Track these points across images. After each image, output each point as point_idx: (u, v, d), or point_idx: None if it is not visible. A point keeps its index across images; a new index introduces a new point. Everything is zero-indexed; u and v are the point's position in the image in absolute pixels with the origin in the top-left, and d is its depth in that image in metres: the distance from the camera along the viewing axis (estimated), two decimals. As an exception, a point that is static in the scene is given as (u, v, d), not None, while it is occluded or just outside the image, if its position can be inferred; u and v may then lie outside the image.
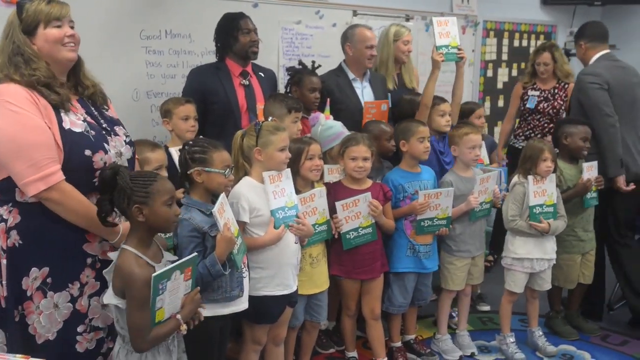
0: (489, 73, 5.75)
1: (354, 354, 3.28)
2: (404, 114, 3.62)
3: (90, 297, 2.14)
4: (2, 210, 2.05)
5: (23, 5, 2.06)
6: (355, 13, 4.49)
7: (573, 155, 3.52)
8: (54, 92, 2.02)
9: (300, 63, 3.55)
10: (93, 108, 2.20)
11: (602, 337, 3.66)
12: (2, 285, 2.05)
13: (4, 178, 2.02)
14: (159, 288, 1.90)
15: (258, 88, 3.39)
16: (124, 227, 2.11)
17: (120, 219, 2.14)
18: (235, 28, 3.30)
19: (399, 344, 3.35)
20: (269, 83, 3.52)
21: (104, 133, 2.15)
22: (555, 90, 4.35)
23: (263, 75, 3.48)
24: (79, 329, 2.12)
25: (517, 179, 3.35)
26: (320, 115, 3.34)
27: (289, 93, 3.47)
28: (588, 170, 3.45)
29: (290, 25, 4.14)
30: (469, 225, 3.31)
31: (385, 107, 3.63)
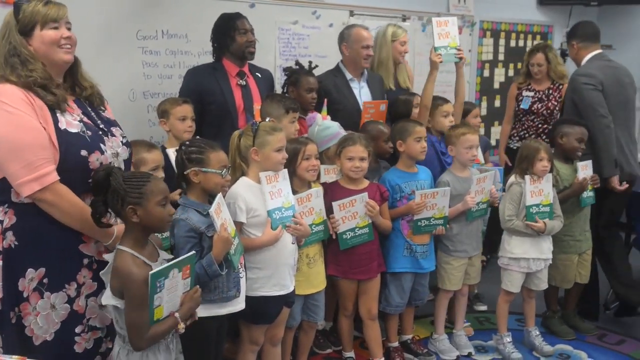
0: (486, 73, 5.76)
1: (351, 354, 3.28)
2: (400, 114, 3.63)
3: (88, 297, 2.13)
4: (-3, 211, 2.04)
5: (20, 6, 2.05)
6: (352, 13, 4.49)
7: (567, 156, 3.52)
8: (50, 92, 2.02)
9: (297, 63, 3.55)
10: (90, 109, 2.20)
11: (598, 336, 3.67)
12: (-2, 287, 2.05)
13: (0, 179, 2.02)
14: (157, 286, 1.90)
15: (255, 88, 3.39)
16: (118, 229, 2.11)
17: (116, 220, 2.14)
18: (232, 28, 3.30)
19: (396, 344, 3.35)
20: (266, 83, 3.52)
21: (101, 134, 2.15)
22: (550, 91, 4.36)
23: (260, 76, 3.48)
24: (77, 330, 2.12)
25: (513, 179, 3.35)
26: (317, 116, 3.35)
27: (286, 93, 3.47)
28: (583, 170, 3.46)
29: (287, 26, 4.14)
30: (466, 225, 3.31)
31: (384, 107, 3.63)
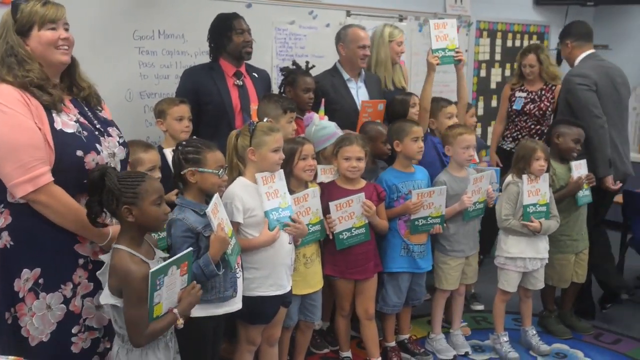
0: (482, 73, 5.77)
1: (348, 354, 3.28)
2: (397, 114, 3.63)
3: (84, 297, 2.13)
4: (-7, 211, 2.04)
5: (18, 6, 2.04)
6: (349, 13, 4.49)
7: (563, 156, 3.53)
8: (47, 93, 2.02)
9: (294, 63, 3.55)
10: (87, 109, 2.20)
11: (595, 335, 3.68)
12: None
13: None
14: (157, 283, 1.91)
15: (252, 88, 3.39)
16: (114, 230, 2.11)
17: (112, 220, 2.14)
18: (229, 28, 3.30)
19: (393, 344, 3.35)
20: (263, 83, 3.52)
21: (97, 134, 2.15)
22: (542, 92, 4.35)
23: (257, 76, 3.48)
24: (74, 330, 2.11)
25: (510, 179, 3.36)
26: (315, 115, 3.35)
27: (283, 93, 3.46)
28: (577, 169, 3.47)
29: (284, 26, 4.13)
30: (463, 225, 3.31)
31: (382, 107, 3.63)
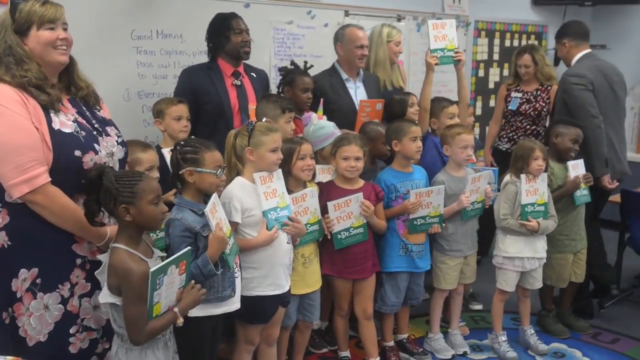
0: (481, 73, 5.77)
1: (347, 354, 3.28)
2: (395, 114, 3.63)
3: (81, 297, 2.13)
4: (-9, 211, 2.04)
5: (17, 5, 2.04)
6: (347, 13, 4.49)
7: (561, 156, 3.53)
8: (44, 92, 2.01)
9: (293, 63, 3.55)
10: (85, 108, 2.19)
11: (593, 335, 3.69)
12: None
13: None
14: (157, 283, 1.91)
15: (250, 88, 3.39)
16: (111, 230, 2.11)
17: (110, 220, 2.14)
18: (227, 28, 3.30)
19: (392, 344, 3.35)
20: (261, 83, 3.52)
21: (95, 133, 2.14)
22: (538, 92, 4.35)
23: (255, 76, 3.48)
24: (72, 330, 2.11)
25: (509, 178, 3.36)
26: (313, 115, 3.34)
27: (281, 93, 3.46)
28: (574, 169, 3.48)
29: (282, 26, 4.13)
30: (461, 225, 3.31)
31: (380, 106, 3.64)
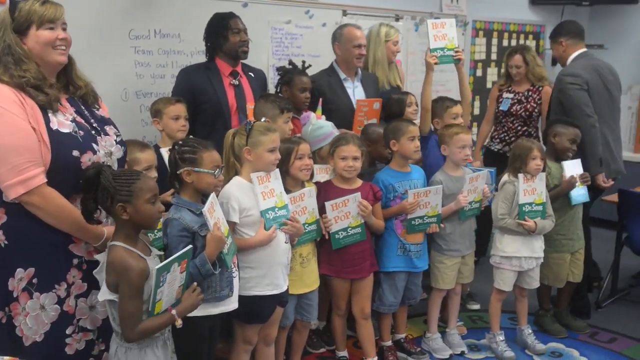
0: (479, 72, 5.78)
1: (345, 354, 3.28)
2: (393, 114, 3.64)
3: (77, 297, 2.12)
4: (-12, 211, 2.03)
5: (16, 4, 2.03)
6: (345, 13, 4.49)
7: (558, 156, 3.54)
8: (43, 92, 2.01)
9: (291, 63, 3.55)
10: (84, 107, 2.19)
11: (590, 334, 3.69)
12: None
13: None
14: (160, 280, 1.92)
15: (248, 88, 3.38)
16: (108, 230, 2.11)
17: (107, 220, 2.14)
18: (225, 28, 3.29)
19: (390, 343, 3.35)
20: (259, 83, 3.51)
21: (94, 133, 2.14)
22: (529, 93, 4.34)
23: (253, 75, 3.48)
24: (68, 331, 2.11)
25: (507, 178, 3.37)
26: (312, 115, 3.34)
27: (279, 93, 3.47)
28: (569, 168, 3.47)
29: (280, 25, 4.13)
30: (459, 225, 3.32)
31: (378, 105, 3.64)
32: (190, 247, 2.10)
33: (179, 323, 2.01)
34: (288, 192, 2.70)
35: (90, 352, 2.17)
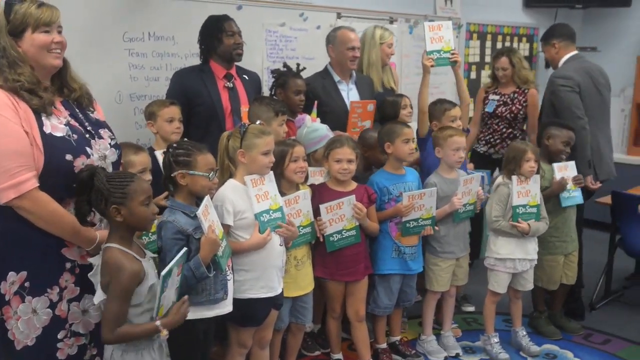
0: (473, 75, 5.79)
1: (339, 356, 3.28)
2: (388, 116, 3.64)
3: (70, 302, 2.11)
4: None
5: (12, 6, 2.01)
6: (340, 15, 4.49)
7: (552, 158, 3.55)
8: (37, 96, 1.99)
9: (285, 65, 3.55)
10: (78, 110, 2.17)
11: (584, 336, 3.70)
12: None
13: None
14: (164, 285, 1.94)
15: (242, 91, 3.38)
16: (101, 234, 2.10)
17: (101, 224, 2.13)
18: (220, 30, 3.29)
19: (384, 346, 3.36)
20: (253, 86, 3.51)
21: (88, 136, 2.13)
22: (515, 95, 4.32)
23: (247, 78, 3.47)
24: (59, 335, 2.09)
25: (501, 180, 3.38)
26: (307, 117, 3.34)
27: (274, 95, 3.46)
28: (560, 170, 3.49)
29: (275, 28, 4.13)
30: (453, 227, 3.32)
31: (372, 107, 3.64)
32: (186, 249, 2.10)
33: (165, 334, 2.00)
34: (283, 194, 2.70)
35: (82, 357, 2.15)
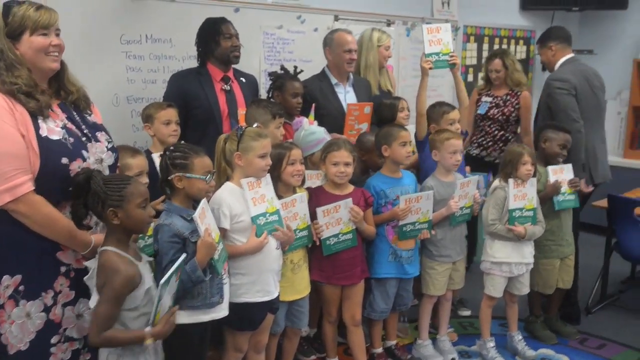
0: (470, 78, 5.80)
1: (335, 360, 3.28)
2: (385, 119, 3.64)
3: (65, 306, 2.10)
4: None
5: (10, 8, 2.00)
6: (337, 18, 4.49)
7: (548, 161, 3.55)
8: (34, 99, 1.98)
9: (282, 68, 3.55)
10: (75, 113, 2.16)
11: (580, 340, 3.71)
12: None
13: None
14: (162, 293, 1.94)
15: (239, 93, 3.38)
16: (96, 238, 2.09)
17: (97, 227, 2.12)
18: (217, 33, 3.29)
19: (380, 350, 3.35)
20: (250, 88, 3.51)
21: (84, 140, 2.12)
22: (508, 97, 4.31)
23: (244, 81, 3.47)
24: (53, 340, 2.08)
25: (498, 183, 3.37)
26: (304, 120, 3.34)
27: (271, 98, 3.46)
28: (556, 173, 3.48)
29: (272, 30, 4.13)
30: (450, 230, 3.32)
31: (369, 109, 3.64)
32: (184, 255, 2.10)
33: (149, 342, 1.98)
34: (279, 197, 2.70)
35: (76, 361, 2.15)
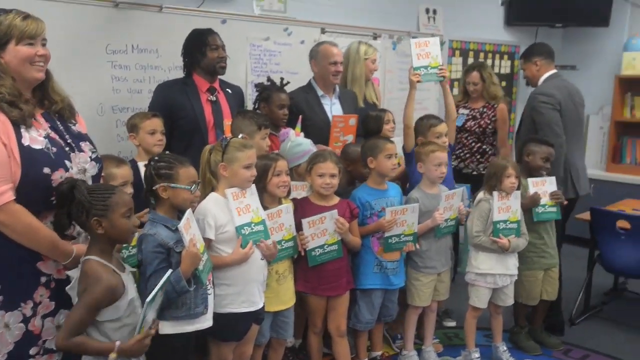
0: (455, 91, 5.83)
1: (320, 371, 3.27)
2: (371, 131, 3.66)
3: (44, 317, 2.07)
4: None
5: None
6: (324, 30, 4.52)
7: (532, 174, 3.58)
8: (17, 108, 1.97)
9: (269, 79, 3.57)
10: (59, 123, 2.15)
11: (564, 351, 3.72)
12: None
13: None
14: (147, 310, 1.94)
15: (225, 104, 3.38)
16: (78, 249, 2.07)
17: (80, 237, 2.11)
18: (203, 44, 3.30)
19: (366, 361, 3.35)
20: (236, 99, 3.52)
21: (67, 150, 2.10)
22: (484, 109, 4.36)
23: (230, 92, 3.48)
24: (32, 352, 2.05)
25: (482, 195, 3.40)
26: (291, 131, 3.35)
27: (257, 109, 3.47)
28: (536, 186, 3.52)
29: (259, 42, 4.15)
30: (435, 242, 3.33)
31: (354, 121, 3.65)
32: (171, 271, 2.09)
33: (113, 357, 1.95)
34: (265, 208, 2.70)
35: (54, 375, 2.11)
